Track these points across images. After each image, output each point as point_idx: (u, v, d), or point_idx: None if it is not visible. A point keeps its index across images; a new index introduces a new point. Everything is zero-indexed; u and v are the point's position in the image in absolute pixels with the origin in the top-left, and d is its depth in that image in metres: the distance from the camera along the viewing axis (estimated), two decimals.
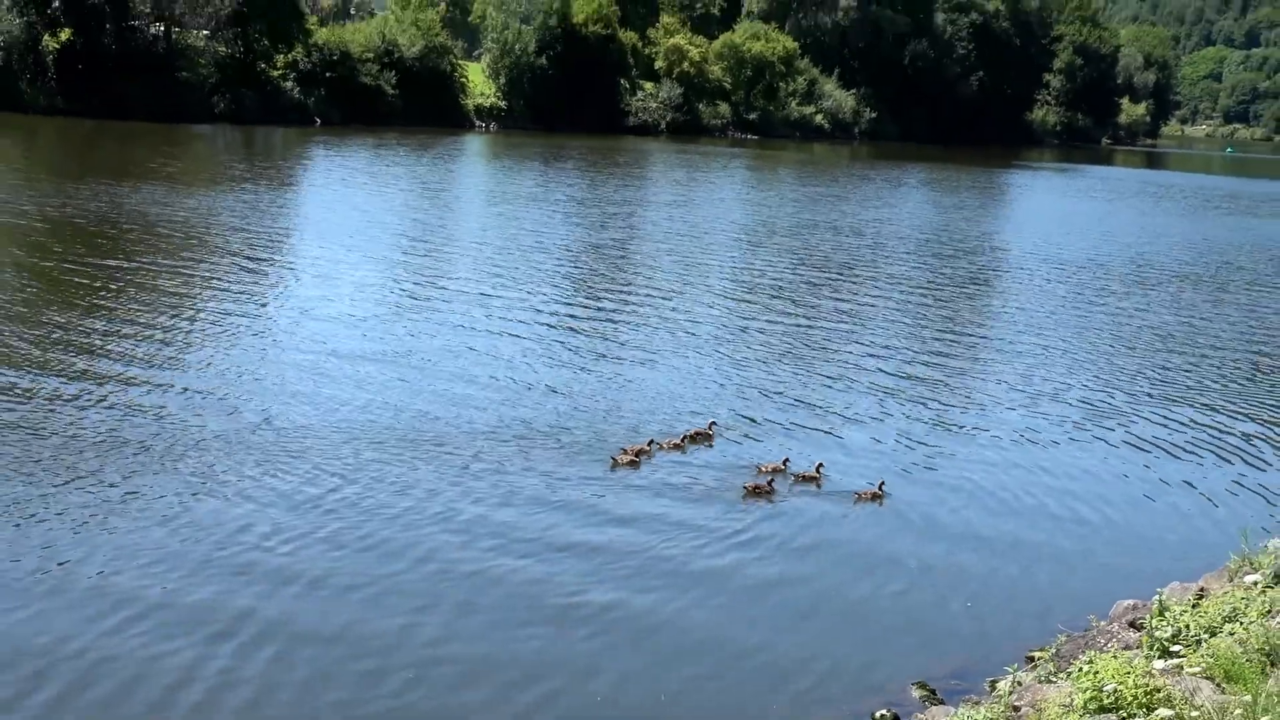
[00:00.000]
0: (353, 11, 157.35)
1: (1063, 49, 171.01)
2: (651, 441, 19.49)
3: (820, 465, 18.77)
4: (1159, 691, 9.63)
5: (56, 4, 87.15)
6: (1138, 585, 14.71)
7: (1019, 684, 11.73)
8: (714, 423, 20.80)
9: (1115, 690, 9.66)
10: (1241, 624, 11.35)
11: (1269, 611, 11.67)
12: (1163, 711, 9.27)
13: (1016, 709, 10.64)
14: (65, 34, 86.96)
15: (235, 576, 13.74)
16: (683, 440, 19.86)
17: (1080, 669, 10.68)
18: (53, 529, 14.64)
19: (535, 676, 12.09)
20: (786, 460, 18.86)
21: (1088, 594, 14.90)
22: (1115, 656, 10.94)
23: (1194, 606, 12.55)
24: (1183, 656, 10.94)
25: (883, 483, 18.38)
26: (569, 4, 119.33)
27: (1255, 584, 13.12)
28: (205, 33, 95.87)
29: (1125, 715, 9.41)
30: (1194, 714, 9.14)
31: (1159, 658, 11.04)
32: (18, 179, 50.29)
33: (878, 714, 11.75)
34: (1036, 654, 13.04)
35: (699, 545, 15.94)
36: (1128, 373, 27.74)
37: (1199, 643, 11.18)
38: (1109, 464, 20.82)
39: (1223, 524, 17.71)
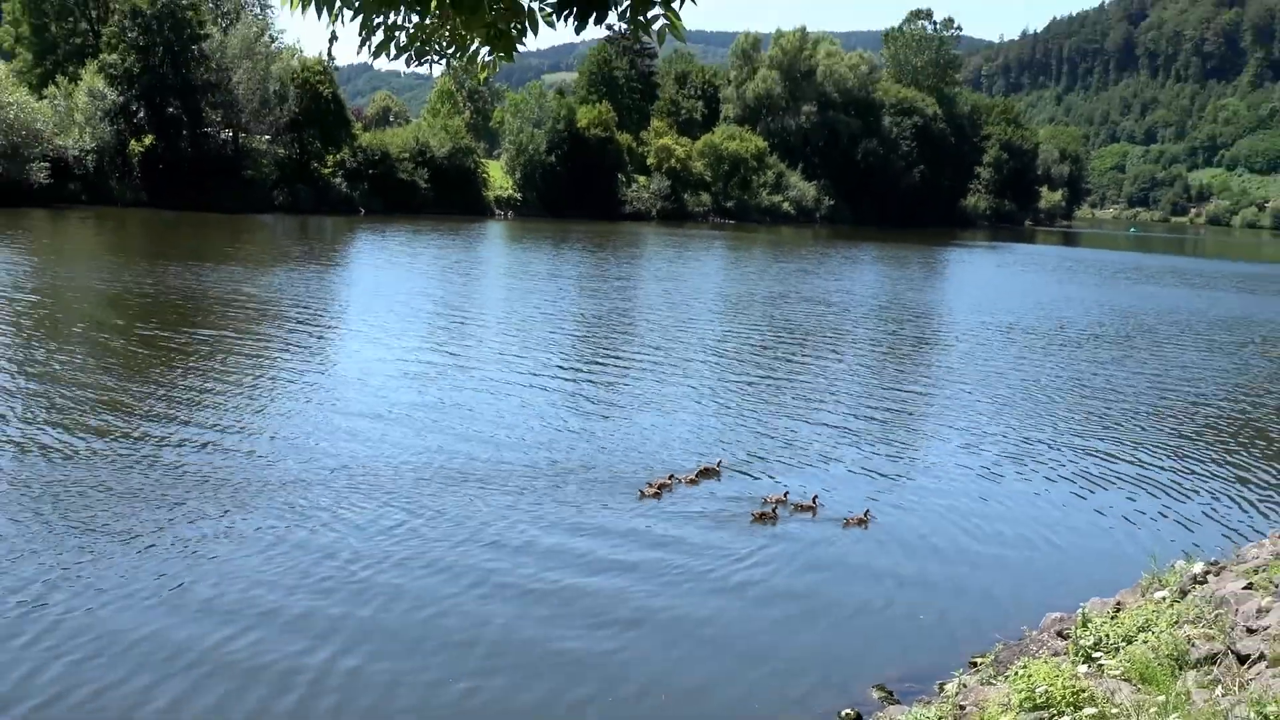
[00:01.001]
0: (392, 118, 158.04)
1: (991, 146, 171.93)
2: (672, 476, 19.77)
3: (816, 496, 19.02)
4: (1084, 692, 9.61)
5: (141, 114, 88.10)
6: (1064, 600, 14.68)
7: (964, 686, 11.69)
8: (721, 461, 21.04)
9: (1046, 691, 9.63)
10: (1153, 633, 11.33)
11: (1176, 622, 11.65)
12: (1088, 709, 9.25)
13: (962, 708, 10.61)
14: (148, 139, 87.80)
15: (322, 594, 14.01)
16: (697, 475, 20.08)
17: (1016, 673, 10.64)
18: (166, 554, 14.87)
19: (581, 672, 12.21)
20: (787, 493, 19.10)
21: (1021, 608, 14.86)
22: (1046, 662, 10.90)
23: (1112, 618, 12.51)
24: (1104, 661, 10.91)
25: (869, 510, 18.59)
26: (574, 111, 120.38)
27: (1163, 599, 13.10)
28: (267, 137, 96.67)
29: (1055, 713, 9.38)
30: (1114, 711, 9.12)
31: (1083, 663, 11.02)
32: (112, 261, 50.55)
33: (843, 712, 11.72)
34: (978, 660, 12.99)
35: (714, 563, 16.18)
36: (1054, 418, 27.75)
37: (1117, 650, 11.16)
38: (1038, 496, 20.83)
39: (1135, 547, 17.72)
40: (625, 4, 5.11)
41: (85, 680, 11.41)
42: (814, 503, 18.81)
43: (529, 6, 5.25)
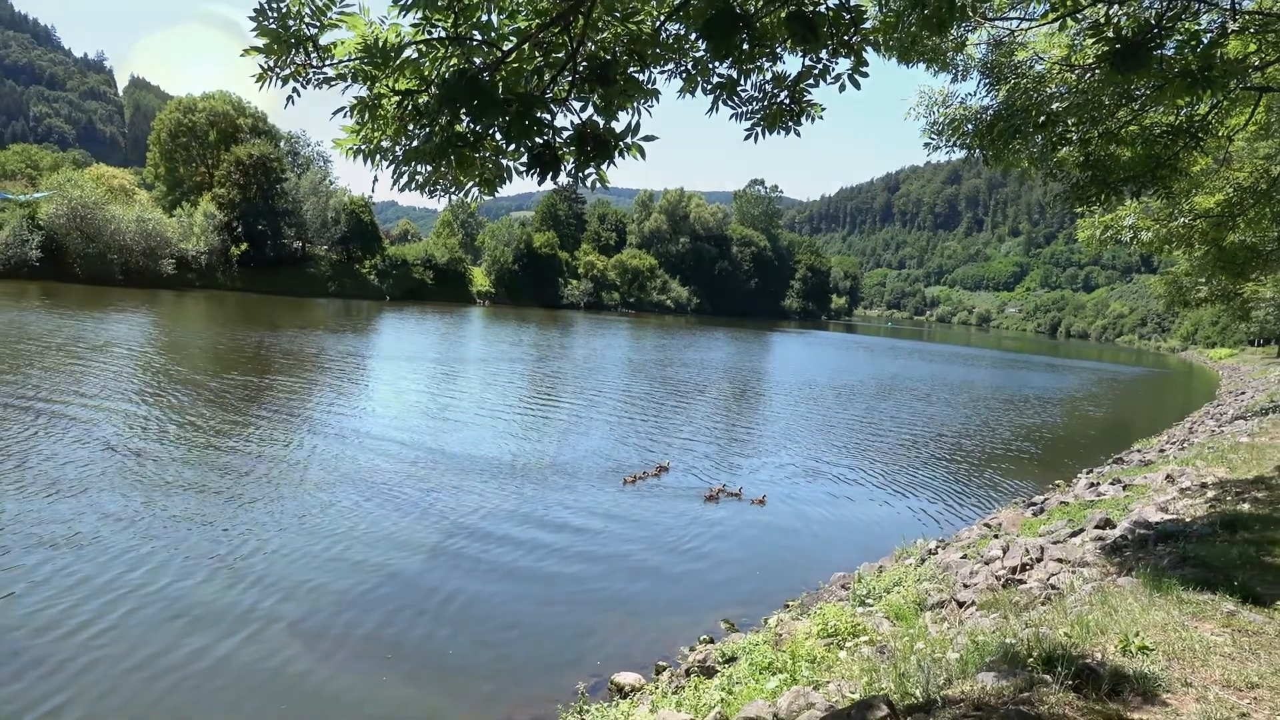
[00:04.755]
0: (409, 237, 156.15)
1: (800, 267, 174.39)
2: (645, 472, 20.25)
3: (742, 488, 19.62)
4: (859, 625, 9.64)
5: (239, 229, 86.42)
6: (846, 563, 14.80)
7: (781, 621, 11.65)
8: (669, 461, 21.76)
9: (834, 624, 9.65)
10: (904, 587, 11.44)
11: (919, 580, 11.78)
12: (862, 637, 9.28)
13: (780, 635, 10.57)
14: (244, 246, 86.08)
15: (432, 558, 13.71)
16: (658, 470, 20.52)
17: (814, 612, 10.66)
18: (323, 528, 14.53)
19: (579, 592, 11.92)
20: (724, 486, 19.69)
21: (818, 567, 14.96)
22: (834, 605, 10.93)
23: (878, 576, 12.62)
24: (872, 605, 10.98)
25: (765, 495, 19.30)
26: (531, 236, 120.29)
27: (910, 564, 13.26)
28: (325, 247, 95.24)
29: (841, 639, 9.40)
30: (879, 638, 9.16)
31: (859, 606, 11.07)
32: (215, 327, 49.02)
33: (700, 638, 11.60)
34: (790, 603, 13.00)
35: (676, 528, 16.49)
36: (845, 445, 28.07)
37: (881, 597, 11.24)
38: (836, 494, 20.98)
39: (893, 528, 17.98)
40: (571, 166, 5.31)
41: (279, 612, 11.19)
42: (739, 491, 19.37)
43: (507, 165, 5.39)
